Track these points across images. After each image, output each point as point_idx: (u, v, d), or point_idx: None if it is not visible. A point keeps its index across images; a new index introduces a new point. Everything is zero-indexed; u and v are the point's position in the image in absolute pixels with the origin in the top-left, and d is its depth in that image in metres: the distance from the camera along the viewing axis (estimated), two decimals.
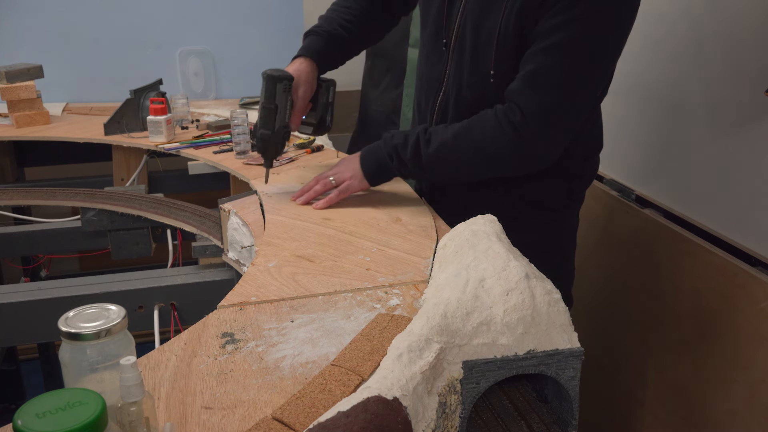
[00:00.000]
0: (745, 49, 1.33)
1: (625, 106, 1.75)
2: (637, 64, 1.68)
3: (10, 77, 2.08)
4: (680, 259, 1.55)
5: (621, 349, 1.84)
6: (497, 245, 0.93)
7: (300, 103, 1.41)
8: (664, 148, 1.62)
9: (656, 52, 1.60)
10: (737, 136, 1.38)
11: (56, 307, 1.29)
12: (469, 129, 1.27)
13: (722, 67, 1.40)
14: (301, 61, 1.43)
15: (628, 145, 1.76)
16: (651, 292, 1.68)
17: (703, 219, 1.51)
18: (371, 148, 1.38)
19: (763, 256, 1.34)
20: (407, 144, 1.31)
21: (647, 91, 1.65)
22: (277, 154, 1.43)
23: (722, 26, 1.39)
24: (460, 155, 1.28)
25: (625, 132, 1.77)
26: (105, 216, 1.69)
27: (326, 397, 0.74)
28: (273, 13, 2.51)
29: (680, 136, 1.55)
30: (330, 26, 1.48)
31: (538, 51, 1.20)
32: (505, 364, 0.78)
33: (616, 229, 1.81)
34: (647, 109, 1.66)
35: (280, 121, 1.38)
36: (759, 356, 1.33)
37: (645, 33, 1.61)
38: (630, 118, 1.74)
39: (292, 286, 1.02)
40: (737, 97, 1.37)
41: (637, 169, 1.74)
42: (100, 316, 0.68)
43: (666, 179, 1.62)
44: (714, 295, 1.45)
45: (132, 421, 0.64)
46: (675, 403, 1.61)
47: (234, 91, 2.56)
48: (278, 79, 1.36)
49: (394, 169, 1.35)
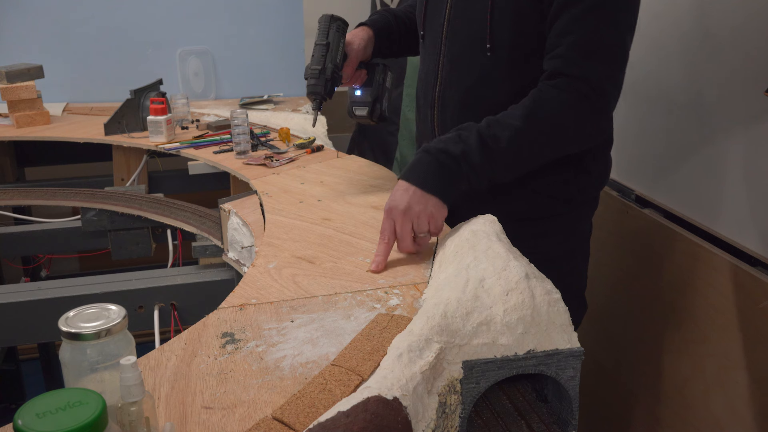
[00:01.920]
0: (745, 49, 1.33)
1: (625, 106, 1.75)
2: (637, 65, 1.68)
3: (11, 77, 2.08)
4: (680, 259, 1.55)
5: (621, 349, 1.84)
6: (497, 245, 0.93)
7: (353, 57, 1.40)
8: (664, 148, 1.62)
9: (656, 52, 1.60)
10: (737, 136, 1.38)
11: (56, 307, 1.29)
12: (536, 112, 1.19)
13: (722, 67, 1.40)
14: (361, 28, 1.47)
15: (629, 145, 1.76)
16: (651, 292, 1.68)
17: (703, 219, 1.51)
18: (418, 173, 1.15)
19: (763, 256, 1.34)
20: (470, 148, 1.15)
21: (647, 92, 1.65)
22: (326, 94, 1.35)
23: (722, 26, 1.39)
24: (539, 139, 1.20)
25: (625, 132, 1.77)
26: (105, 216, 1.69)
27: (326, 397, 0.74)
28: (273, 13, 2.51)
29: (680, 136, 1.55)
30: (398, 12, 1.52)
31: (576, 18, 1.18)
32: (505, 364, 0.78)
33: (617, 229, 1.81)
34: (647, 109, 1.66)
35: (331, 59, 1.35)
36: (759, 356, 1.33)
37: (645, 33, 1.61)
38: (630, 118, 1.74)
39: (292, 288, 1.02)
40: (737, 97, 1.37)
41: (637, 169, 1.74)
42: (100, 316, 0.68)
43: (666, 179, 1.62)
44: (714, 295, 1.45)
45: (132, 421, 0.64)
46: (675, 403, 1.61)
47: (234, 91, 2.56)
48: (333, 18, 1.37)
49: (463, 177, 1.15)
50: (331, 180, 1.52)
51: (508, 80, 1.28)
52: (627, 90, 1.73)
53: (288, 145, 1.83)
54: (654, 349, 1.68)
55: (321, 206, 1.36)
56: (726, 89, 1.40)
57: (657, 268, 1.65)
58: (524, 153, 1.20)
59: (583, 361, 0.80)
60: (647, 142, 1.68)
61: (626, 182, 1.79)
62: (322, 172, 1.59)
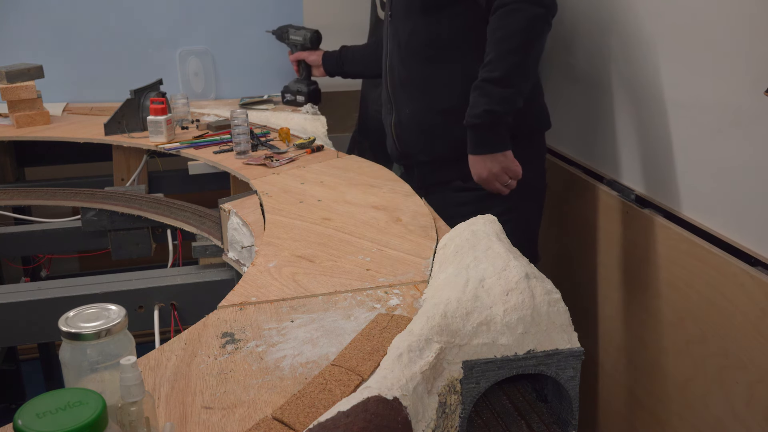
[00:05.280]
0: (745, 49, 1.33)
1: (625, 106, 1.75)
2: (636, 65, 1.68)
3: (11, 77, 2.08)
4: (680, 259, 1.55)
5: (621, 349, 1.84)
6: (497, 245, 0.93)
7: None
8: (664, 148, 1.62)
9: (656, 52, 1.60)
10: (737, 136, 1.38)
11: (56, 307, 1.28)
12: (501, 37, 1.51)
13: (722, 67, 1.40)
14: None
15: (628, 145, 1.76)
16: (651, 292, 1.68)
17: (703, 219, 1.51)
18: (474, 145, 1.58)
19: (763, 256, 1.34)
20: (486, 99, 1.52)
21: (647, 91, 1.65)
22: None
23: (722, 26, 1.39)
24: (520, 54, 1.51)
25: (625, 132, 1.77)
26: (105, 216, 1.69)
27: (326, 397, 0.74)
28: (273, 14, 2.51)
29: (680, 136, 1.55)
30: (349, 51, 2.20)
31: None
32: (505, 364, 0.78)
33: (617, 229, 1.81)
34: (647, 109, 1.66)
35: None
36: (759, 356, 1.33)
37: (645, 33, 1.62)
38: (630, 118, 1.74)
39: (292, 286, 1.02)
40: (737, 97, 1.37)
41: (637, 169, 1.74)
42: (100, 316, 0.68)
43: (666, 179, 1.62)
44: (714, 295, 1.45)
45: (132, 421, 0.64)
46: (675, 403, 1.61)
47: (234, 91, 2.55)
48: None
49: (498, 120, 1.53)
50: (331, 180, 1.52)
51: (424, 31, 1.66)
52: (627, 91, 1.74)
53: (288, 145, 1.83)
54: (654, 349, 1.68)
55: (321, 206, 1.36)
56: (726, 89, 1.40)
57: (657, 268, 1.65)
58: (519, 68, 1.52)
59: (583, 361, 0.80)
60: (647, 142, 1.68)
61: (626, 182, 1.79)
62: (322, 172, 1.59)
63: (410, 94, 1.74)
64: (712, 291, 1.45)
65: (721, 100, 1.41)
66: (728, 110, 1.40)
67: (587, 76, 1.92)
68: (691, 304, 1.52)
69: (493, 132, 1.56)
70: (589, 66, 1.90)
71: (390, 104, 1.80)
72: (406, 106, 1.75)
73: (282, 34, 2.35)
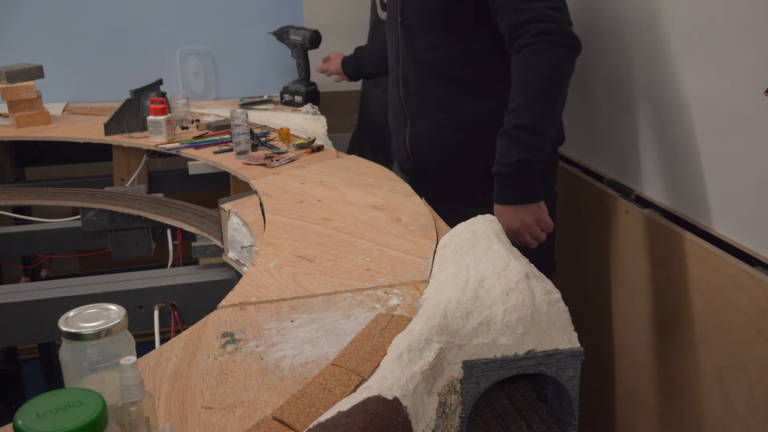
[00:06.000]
0: (745, 49, 1.33)
1: (625, 106, 1.75)
2: (636, 65, 1.68)
3: (11, 77, 2.08)
4: (680, 259, 1.55)
5: (621, 349, 1.84)
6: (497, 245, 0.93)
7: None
8: (664, 148, 1.62)
9: (655, 52, 1.60)
10: (737, 136, 1.38)
11: (56, 307, 1.28)
12: (528, 81, 1.44)
13: (722, 67, 1.40)
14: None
15: (628, 145, 1.76)
16: (651, 292, 1.68)
17: (703, 219, 1.51)
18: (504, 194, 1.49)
19: (763, 256, 1.34)
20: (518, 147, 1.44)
21: (646, 91, 1.65)
22: None
23: (722, 26, 1.39)
24: (547, 97, 1.45)
25: (624, 132, 1.77)
26: (105, 216, 1.69)
27: (326, 397, 0.74)
28: (273, 13, 2.51)
29: (680, 136, 1.55)
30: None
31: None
32: (505, 364, 0.78)
33: (617, 229, 1.81)
34: (647, 109, 1.66)
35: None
36: (759, 356, 1.33)
37: (645, 34, 1.61)
38: (629, 118, 1.74)
39: (292, 286, 1.02)
40: (737, 97, 1.37)
41: (637, 169, 1.74)
42: (100, 316, 0.68)
43: (666, 179, 1.62)
44: (714, 295, 1.45)
45: (132, 421, 0.64)
46: (675, 403, 1.61)
47: (234, 91, 2.56)
48: None
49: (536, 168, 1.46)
50: (331, 180, 1.52)
51: (446, 47, 1.59)
52: (626, 91, 1.74)
53: (288, 145, 1.83)
54: (654, 349, 1.68)
55: (321, 206, 1.36)
56: (726, 89, 1.40)
57: (657, 267, 1.65)
58: (548, 112, 1.46)
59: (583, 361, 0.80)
60: (647, 142, 1.68)
61: (626, 182, 1.79)
62: (322, 172, 1.59)
63: (429, 110, 1.66)
64: (712, 291, 1.45)
65: (721, 100, 1.41)
66: (728, 110, 1.40)
67: (585, 76, 1.92)
68: (691, 304, 1.52)
69: (528, 181, 1.48)
70: (584, 66, 1.90)
71: (403, 115, 1.72)
72: (423, 122, 1.68)
73: (282, 34, 2.36)
